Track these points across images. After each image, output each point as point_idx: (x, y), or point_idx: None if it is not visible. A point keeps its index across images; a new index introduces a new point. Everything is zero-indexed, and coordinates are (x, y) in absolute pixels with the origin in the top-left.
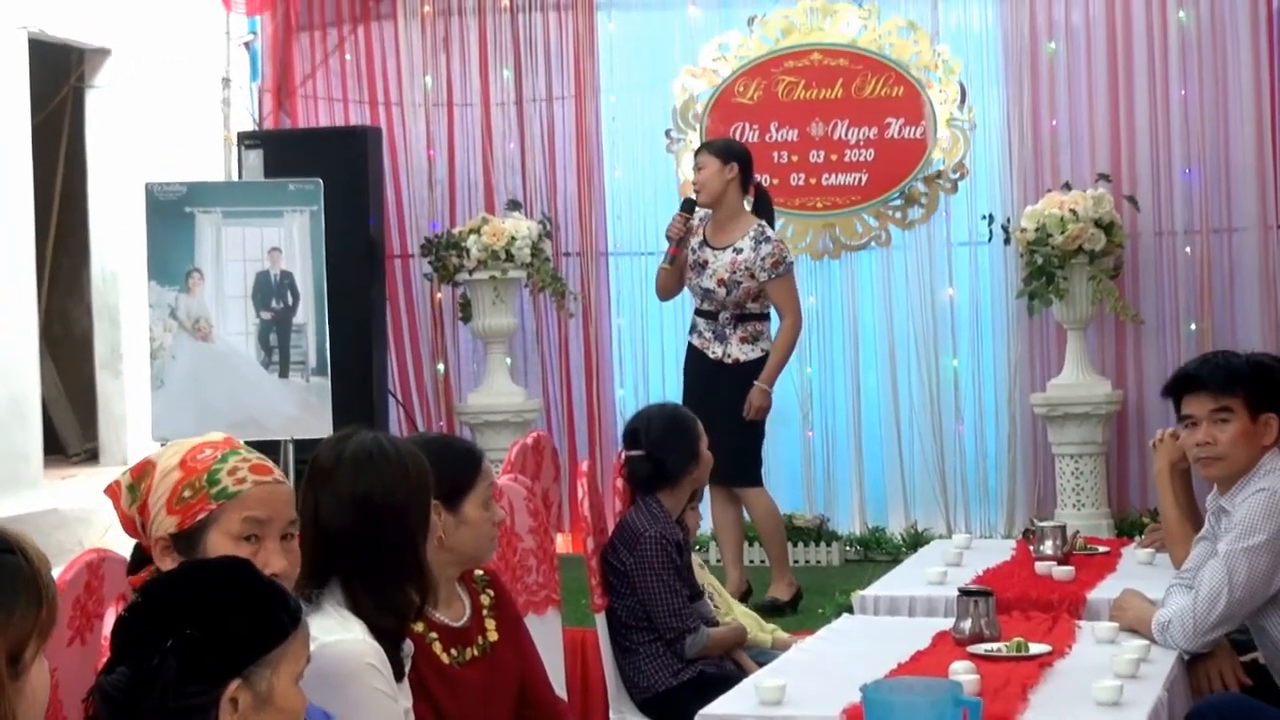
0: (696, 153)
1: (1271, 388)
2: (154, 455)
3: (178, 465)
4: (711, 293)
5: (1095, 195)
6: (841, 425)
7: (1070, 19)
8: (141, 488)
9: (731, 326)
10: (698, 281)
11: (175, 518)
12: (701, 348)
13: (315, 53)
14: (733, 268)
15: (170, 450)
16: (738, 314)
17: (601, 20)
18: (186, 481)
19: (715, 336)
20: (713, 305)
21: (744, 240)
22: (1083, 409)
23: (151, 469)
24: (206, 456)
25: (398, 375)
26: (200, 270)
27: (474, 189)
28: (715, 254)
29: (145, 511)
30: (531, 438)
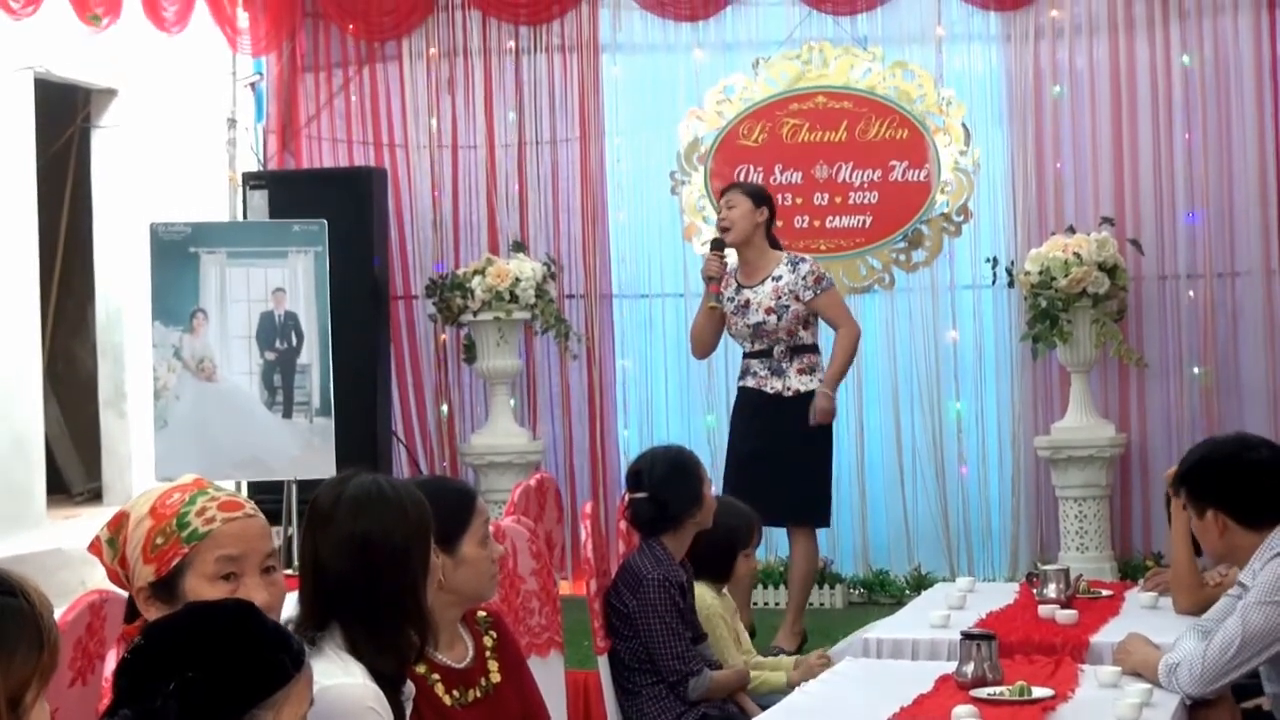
0: (725, 191)
1: (1205, 483)
2: (128, 505)
3: (148, 514)
4: (761, 325)
5: (1099, 238)
6: (845, 467)
7: (1074, 62)
8: (119, 540)
9: (788, 360)
10: (744, 322)
11: (152, 566)
12: (758, 386)
13: (320, 94)
14: (776, 294)
15: (142, 499)
16: (791, 346)
17: (606, 63)
18: (158, 529)
19: (772, 372)
20: (765, 342)
21: (780, 268)
22: (1086, 452)
23: (126, 520)
24: (175, 501)
25: (401, 416)
26: (204, 310)
27: (478, 230)
28: (754, 290)
29: (125, 563)
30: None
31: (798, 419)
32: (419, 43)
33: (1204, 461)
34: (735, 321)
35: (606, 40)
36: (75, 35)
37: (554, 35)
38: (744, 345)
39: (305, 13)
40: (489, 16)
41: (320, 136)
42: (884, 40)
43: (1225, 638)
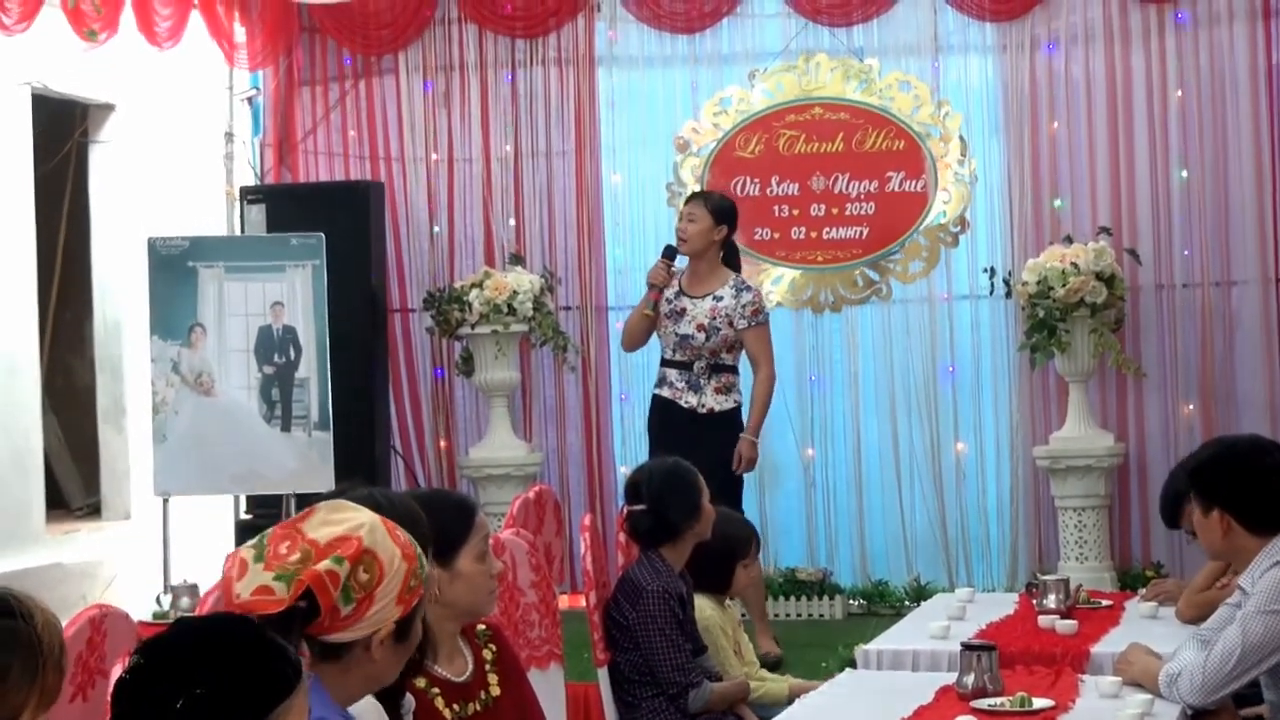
0: (692, 197)
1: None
2: (349, 534)
3: (401, 555)
4: (689, 338)
5: (1096, 248)
6: (843, 479)
7: (1070, 72)
8: (365, 579)
9: (706, 376)
10: (673, 329)
11: (401, 608)
12: (673, 398)
13: (317, 108)
14: (713, 314)
15: (376, 534)
16: (713, 364)
17: (602, 75)
18: (412, 571)
19: (689, 386)
20: (687, 355)
21: (724, 289)
22: (1085, 462)
23: (373, 559)
24: (405, 538)
25: (399, 429)
26: (203, 325)
27: (474, 243)
28: (694, 302)
29: (368, 602)
30: (533, 492)
31: (712, 437)
32: (415, 57)
33: (1216, 460)
34: (665, 325)
35: (602, 53)
36: (72, 50)
37: (550, 48)
38: (665, 351)
39: (302, 27)
40: (485, 30)
41: (317, 150)
42: (880, 51)
43: (1226, 647)
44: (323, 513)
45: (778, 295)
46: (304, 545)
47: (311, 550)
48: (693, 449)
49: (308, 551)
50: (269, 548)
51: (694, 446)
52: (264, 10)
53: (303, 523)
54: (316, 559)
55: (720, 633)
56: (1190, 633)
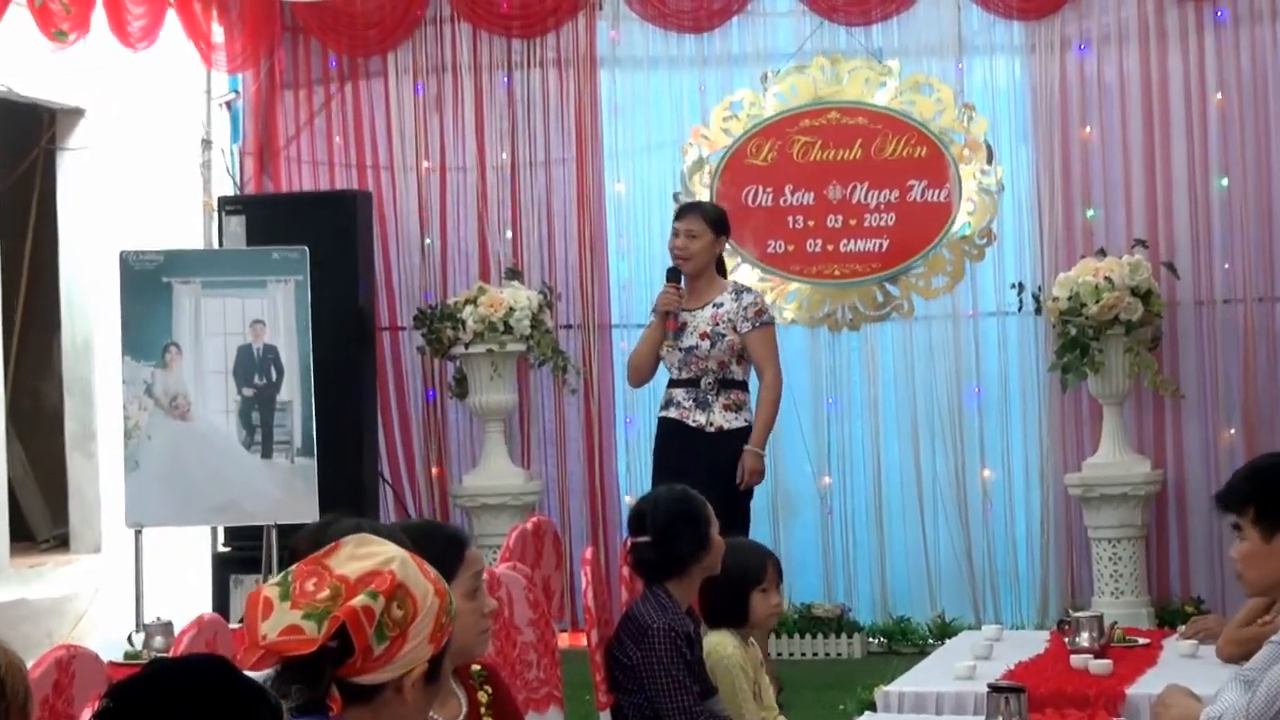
0: (685, 211)
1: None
2: (380, 568)
3: (433, 590)
4: (693, 350)
5: (1132, 262)
6: (861, 508)
7: (1103, 74)
8: (399, 615)
9: (714, 393)
10: (676, 344)
11: (433, 645)
12: (680, 418)
13: (300, 113)
14: (714, 320)
15: (408, 569)
16: (720, 379)
17: (605, 78)
18: (444, 607)
19: (697, 404)
20: (693, 370)
21: (723, 295)
22: (1120, 490)
23: (407, 594)
24: (435, 574)
25: (388, 456)
26: (178, 344)
27: (469, 257)
28: (693, 314)
29: (402, 640)
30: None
31: (720, 458)
32: (405, 58)
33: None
34: (669, 345)
35: (605, 54)
36: (40, 52)
37: (549, 49)
38: (671, 372)
39: (284, 27)
40: (479, 30)
41: (300, 158)
42: (901, 52)
43: (1270, 688)
44: (349, 547)
45: (791, 312)
46: (333, 581)
47: (342, 586)
48: (699, 470)
49: (338, 588)
50: (295, 585)
51: (700, 467)
52: (244, 9)
53: (329, 558)
54: (348, 595)
55: (740, 672)
56: (1232, 673)
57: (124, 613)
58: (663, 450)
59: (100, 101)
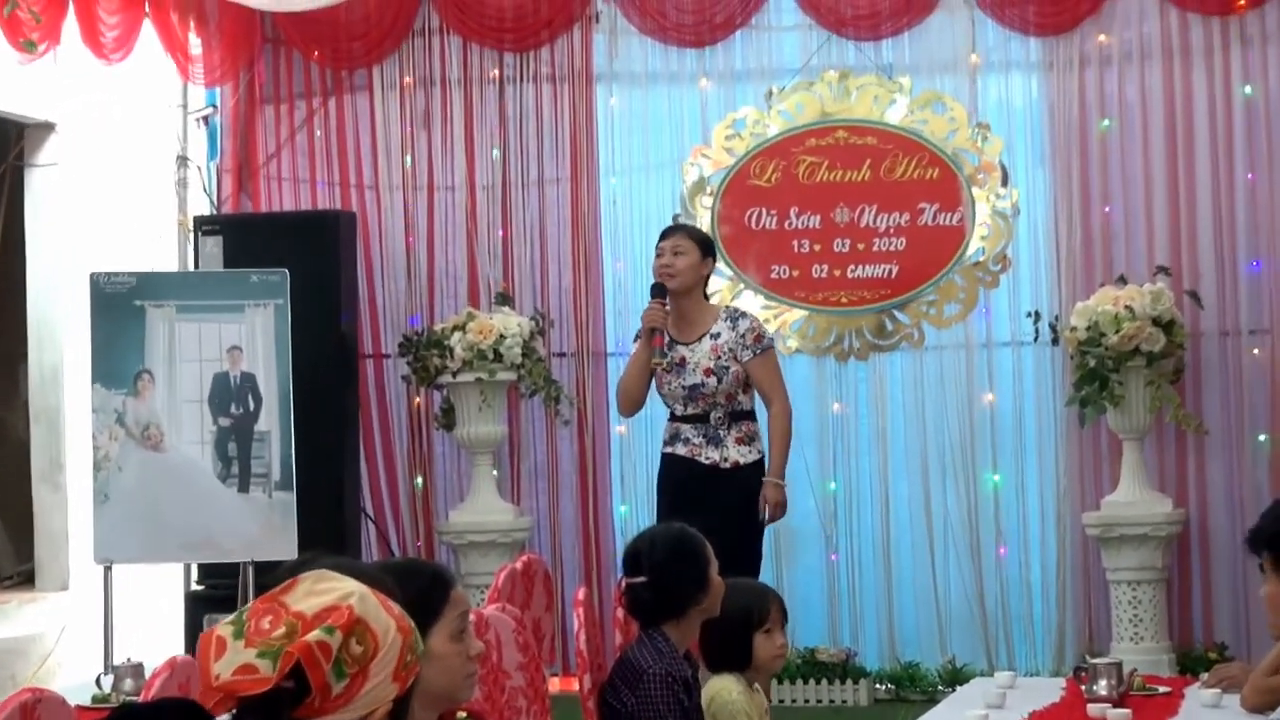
0: (670, 232)
1: None
2: (338, 603)
3: (396, 626)
4: (699, 388)
5: (1153, 290)
6: (869, 548)
7: (1124, 93)
8: (358, 651)
9: (725, 427)
10: (678, 382)
11: (398, 685)
12: (691, 455)
13: (281, 128)
14: (715, 353)
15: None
16: (730, 411)
17: (601, 94)
18: (408, 644)
19: (708, 440)
20: (701, 406)
21: (718, 324)
22: (1140, 530)
23: (366, 629)
24: (399, 610)
25: (371, 490)
26: (151, 371)
27: (457, 281)
28: (690, 348)
29: (362, 678)
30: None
31: (736, 494)
32: (392, 71)
33: None
34: (668, 381)
35: (602, 69)
36: (7, 63)
37: (543, 63)
38: (674, 407)
39: (265, 38)
40: (470, 42)
41: (281, 176)
42: (912, 69)
43: None
44: (307, 583)
45: (796, 341)
46: (289, 619)
47: (298, 623)
48: (715, 509)
49: (294, 625)
50: (249, 623)
51: (717, 506)
52: (223, 19)
53: (285, 595)
54: (304, 632)
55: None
56: None
57: (92, 654)
58: (671, 489)
59: (71, 116)
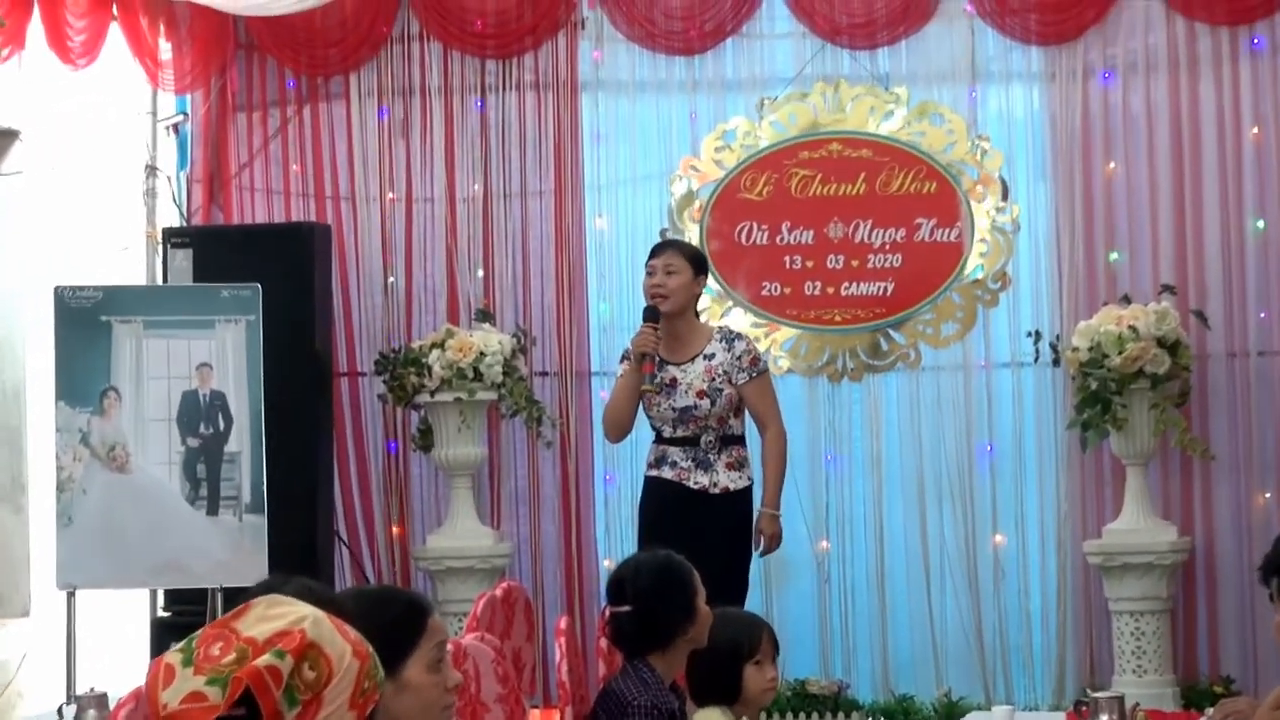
0: (662, 249)
1: None
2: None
3: (352, 652)
4: (690, 410)
5: (1159, 310)
6: (862, 575)
7: (1129, 103)
8: (311, 677)
9: (716, 452)
10: (668, 404)
11: (355, 713)
12: (679, 479)
13: (254, 137)
14: (709, 375)
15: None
16: (721, 435)
17: (587, 103)
18: (365, 670)
19: (697, 464)
20: (691, 429)
21: (712, 345)
22: (1144, 559)
23: (319, 654)
24: (356, 635)
25: (345, 513)
26: (117, 389)
27: (436, 297)
28: (682, 369)
29: (316, 706)
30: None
31: (724, 521)
32: (369, 79)
33: None
34: (657, 402)
35: (587, 77)
36: None
37: (526, 71)
38: (662, 429)
39: (238, 44)
40: (451, 49)
41: (254, 187)
42: (909, 79)
43: None
44: (259, 608)
45: (788, 361)
46: (240, 644)
47: (249, 649)
48: (704, 536)
49: (244, 650)
50: (199, 650)
51: (705, 533)
52: (194, 24)
53: (236, 620)
54: (254, 656)
55: None
56: None
57: (54, 683)
58: (655, 514)
59: (36, 123)
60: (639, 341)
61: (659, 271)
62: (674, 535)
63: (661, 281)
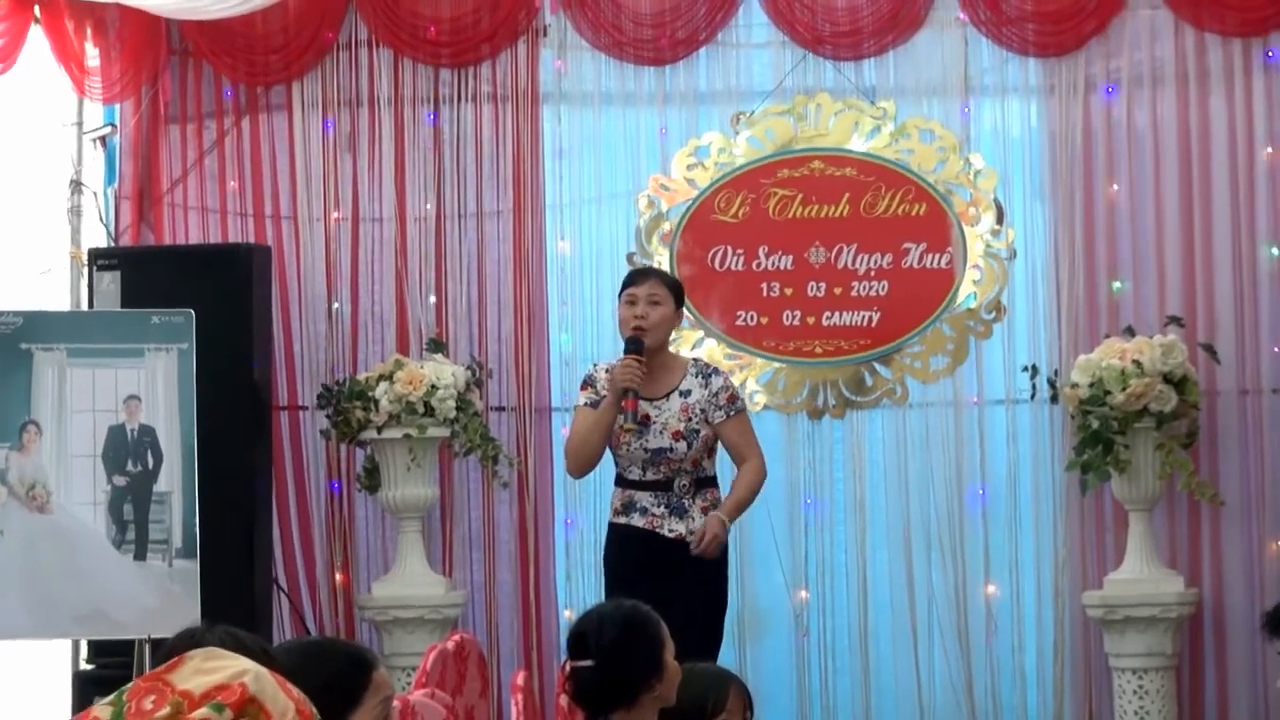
0: (643, 277)
1: None
2: (229, 681)
3: (295, 710)
4: (665, 452)
5: (1165, 343)
6: (844, 629)
7: (1134, 120)
8: None
9: (690, 497)
10: (639, 444)
11: None
12: (651, 527)
13: (188, 151)
14: (686, 414)
15: (263, 683)
16: (696, 479)
17: (549, 116)
18: None
19: (671, 511)
20: (663, 472)
21: (688, 380)
22: (1149, 612)
23: (260, 710)
24: (299, 694)
25: (284, 559)
26: (38, 423)
27: (384, 325)
28: (657, 405)
29: None
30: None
31: (701, 572)
32: (313, 89)
33: None
34: (627, 442)
35: (549, 88)
36: None
37: (483, 81)
38: (628, 471)
39: (171, 50)
40: (402, 57)
41: (187, 205)
42: (897, 92)
43: None
44: (196, 661)
45: (764, 396)
46: (174, 698)
47: (184, 702)
48: (676, 587)
49: (179, 704)
50: (130, 704)
51: (677, 584)
52: (124, 28)
53: (170, 673)
54: (190, 709)
55: None
56: None
57: None
58: (624, 565)
59: None
60: (622, 375)
61: (641, 301)
62: (645, 587)
63: (644, 312)
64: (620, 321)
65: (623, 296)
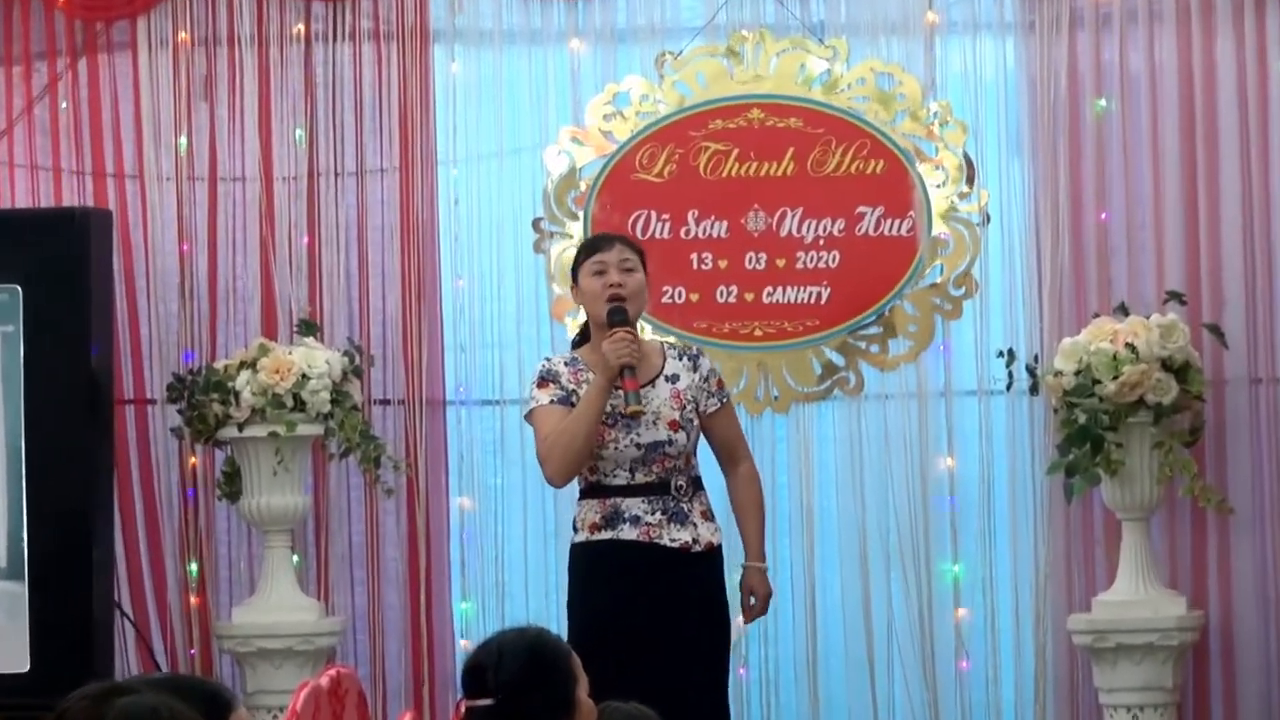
0: (608, 243)
1: None
2: None
3: None
4: (661, 446)
5: (1163, 323)
6: (789, 660)
7: (1127, 64)
8: None
9: (689, 499)
10: (628, 440)
11: None
12: (648, 539)
13: (15, 99)
14: (679, 402)
15: None
16: (690, 478)
17: (441, 57)
18: None
19: (670, 517)
20: (657, 472)
21: (671, 363)
22: (1145, 638)
23: None
24: None
25: (129, 579)
26: None
27: (247, 303)
28: (644, 393)
29: None
30: (328, 677)
31: (708, 586)
32: (163, 24)
33: None
34: (615, 439)
35: (442, 24)
36: None
37: (363, 16)
38: (613, 476)
39: None
40: None
41: (13, 162)
42: (849, 29)
43: None
44: None
45: None
46: None
47: None
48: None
49: None
50: None
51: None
52: None
53: None
54: None
55: None
56: None
57: None
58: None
59: None
60: (619, 350)
61: (612, 268)
62: (642, 609)
63: (620, 280)
64: (587, 295)
65: (585, 266)
